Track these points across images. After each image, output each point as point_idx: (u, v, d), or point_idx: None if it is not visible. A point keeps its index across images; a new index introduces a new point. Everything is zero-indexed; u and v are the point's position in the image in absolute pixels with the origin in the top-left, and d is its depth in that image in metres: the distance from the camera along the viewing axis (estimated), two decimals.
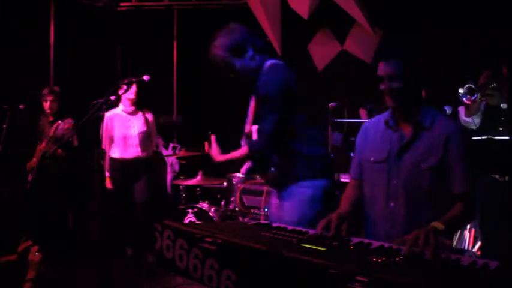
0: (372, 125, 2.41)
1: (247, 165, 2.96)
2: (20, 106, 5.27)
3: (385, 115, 2.34)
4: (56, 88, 5.39)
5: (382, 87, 2.22)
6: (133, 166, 4.94)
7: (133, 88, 4.85)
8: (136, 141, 4.93)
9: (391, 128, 2.27)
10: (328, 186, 2.81)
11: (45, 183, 5.15)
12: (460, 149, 2.13)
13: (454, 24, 5.29)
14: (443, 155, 2.12)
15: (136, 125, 4.94)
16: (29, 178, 5.09)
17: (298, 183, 2.75)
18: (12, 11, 5.83)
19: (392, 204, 2.20)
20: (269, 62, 2.82)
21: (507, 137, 3.72)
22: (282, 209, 2.80)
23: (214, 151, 2.93)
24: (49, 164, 5.09)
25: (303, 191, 2.73)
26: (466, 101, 3.79)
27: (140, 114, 4.99)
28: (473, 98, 3.75)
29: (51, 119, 5.26)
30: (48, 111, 5.25)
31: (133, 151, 4.94)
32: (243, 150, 2.82)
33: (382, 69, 2.21)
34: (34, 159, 5.18)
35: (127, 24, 7.12)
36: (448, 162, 2.12)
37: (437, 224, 1.89)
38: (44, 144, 5.07)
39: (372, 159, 2.30)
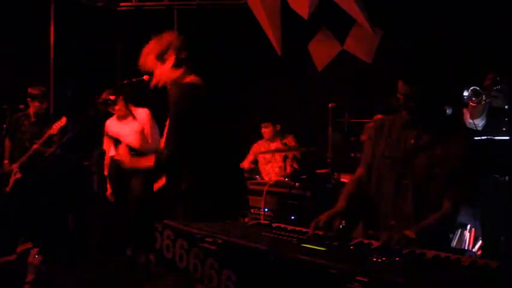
0: (388, 122, 2.43)
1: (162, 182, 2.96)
2: (20, 106, 5.26)
3: (403, 116, 2.35)
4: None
5: (401, 101, 2.27)
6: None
7: (121, 104, 4.90)
8: (128, 138, 4.95)
9: (408, 129, 2.32)
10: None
11: (35, 183, 5.13)
12: (468, 158, 2.21)
13: (454, 24, 5.29)
14: (458, 163, 2.18)
15: (129, 123, 4.99)
16: (11, 181, 5.05)
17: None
18: (12, 11, 5.82)
19: (400, 201, 2.25)
20: (185, 80, 2.81)
21: (507, 137, 3.72)
22: None
23: (126, 155, 3.00)
24: (39, 164, 5.07)
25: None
26: (471, 103, 3.80)
27: (134, 112, 5.04)
28: (478, 99, 3.76)
29: (34, 119, 5.20)
30: (39, 112, 5.20)
31: (126, 148, 4.98)
32: (151, 160, 2.79)
33: (401, 87, 2.24)
34: (6, 161, 5.17)
35: (127, 24, 7.12)
36: (456, 167, 2.19)
37: (409, 233, 1.95)
38: (36, 146, 5.03)
39: (386, 154, 2.34)
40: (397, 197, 2.26)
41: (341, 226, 2.12)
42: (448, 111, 4.09)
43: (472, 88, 3.75)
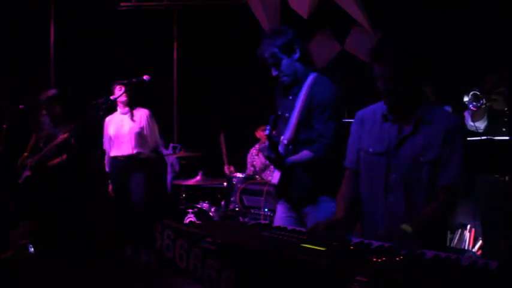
0: (368, 115, 2.33)
1: (265, 144, 2.91)
2: (20, 106, 5.27)
3: (382, 107, 2.25)
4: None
5: (378, 85, 2.18)
6: (126, 163, 4.99)
7: (123, 90, 4.89)
8: (127, 138, 4.98)
9: (389, 121, 2.22)
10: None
11: (42, 182, 5.15)
12: (456, 142, 2.10)
13: (453, 25, 5.29)
14: (442, 148, 2.09)
15: (128, 123, 4.99)
16: (25, 174, 5.10)
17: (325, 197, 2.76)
18: (12, 11, 5.82)
19: (391, 198, 2.16)
20: (316, 74, 2.84)
21: (507, 137, 3.73)
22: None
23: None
24: (48, 165, 5.09)
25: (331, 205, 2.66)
26: (472, 108, 3.81)
27: (133, 112, 5.04)
28: (479, 104, 3.78)
29: (52, 123, 5.21)
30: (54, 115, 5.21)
31: (125, 148, 5.00)
32: (306, 154, 2.78)
33: (376, 69, 2.16)
34: (25, 154, 5.20)
35: (127, 24, 7.12)
36: (442, 154, 2.09)
37: (406, 227, 1.92)
38: (43, 153, 5.05)
39: (370, 150, 2.24)
40: (387, 195, 2.16)
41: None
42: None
43: (472, 93, 3.78)
